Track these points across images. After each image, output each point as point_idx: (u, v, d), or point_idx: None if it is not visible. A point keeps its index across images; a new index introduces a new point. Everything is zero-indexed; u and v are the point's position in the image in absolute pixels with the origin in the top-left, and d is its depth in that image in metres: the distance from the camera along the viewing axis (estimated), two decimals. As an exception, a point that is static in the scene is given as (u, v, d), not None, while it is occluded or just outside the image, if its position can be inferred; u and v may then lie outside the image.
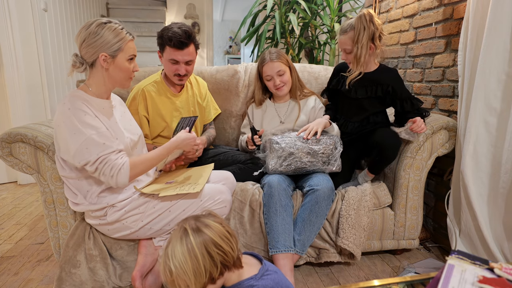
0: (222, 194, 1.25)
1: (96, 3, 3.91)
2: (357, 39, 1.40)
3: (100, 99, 1.19)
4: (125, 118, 1.30)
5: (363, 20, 1.38)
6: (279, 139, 1.47)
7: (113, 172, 1.08)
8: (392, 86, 1.48)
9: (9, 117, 2.70)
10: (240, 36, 6.99)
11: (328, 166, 1.48)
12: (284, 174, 1.48)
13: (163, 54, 1.48)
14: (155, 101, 1.51)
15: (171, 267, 0.80)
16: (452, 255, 0.66)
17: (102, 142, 1.07)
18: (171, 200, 1.20)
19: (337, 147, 1.49)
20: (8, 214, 2.11)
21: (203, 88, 1.75)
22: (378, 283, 0.77)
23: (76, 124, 1.05)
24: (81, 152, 1.05)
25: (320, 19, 2.76)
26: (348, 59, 1.50)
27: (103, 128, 1.10)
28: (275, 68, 1.56)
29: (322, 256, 1.47)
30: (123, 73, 1.17)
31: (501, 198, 1.30)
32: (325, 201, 1.39)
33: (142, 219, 1.19)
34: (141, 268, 1.22)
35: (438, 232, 1.75)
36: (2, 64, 2.58)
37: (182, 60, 1.46)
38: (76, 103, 1.08)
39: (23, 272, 1.49)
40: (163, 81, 1.56)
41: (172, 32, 1.41)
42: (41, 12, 2.67)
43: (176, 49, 1.43)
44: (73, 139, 1.05)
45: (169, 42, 1.42)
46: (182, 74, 1.48)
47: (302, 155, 1.44)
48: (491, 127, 1.34)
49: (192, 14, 4.51)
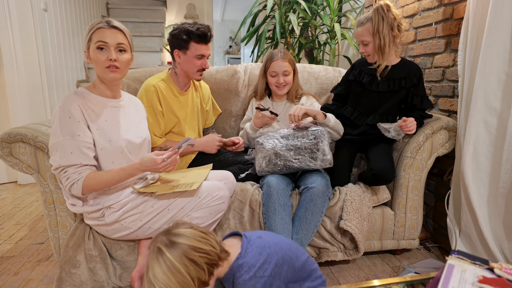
0: (220, 191, 1.25)
1: (96, 3, 3.91)
2: (377, 29, 1.39)
3: (104, 97, 1.20)
4: (133, 120, 1.30)
5: (381, 10, 1.38)
6: (262, 140, 1.48)
7: (67, 183, 1.10)
8: (416, 78, 1.48)
9: (9, 117, 2.70)
10: (240, 36, 6.99)
11: (316, 161, 1.42)
12: (275, 174, 1.47)
13: (186, 52, 1.47)
14: (166, 97, 1.52)
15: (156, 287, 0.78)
16: (452, 255, 0.66)
17: (70, 152, 1.08)
18: (169, 199, 1.20)
19: (323, 140, 1.42)
20: (8, 214, 2.11)
21: (206, 91, 1.76)
22: (378, 283, 0.77)
23: (57, 124, 1.08)
24: (51, 152, 1.11)
25: (320, 19, 2.76)
26: (366, 51, 1.48)
27: (81, 136, 1.09)
28: (283, 67, 1.62)
29: (323, 256, 1.47)
30: (98, 66, 1.14)
31: (501, 198, 1.30)
32: (320, 199, 1.39)
33: (141, 218, 1.19)
34: (140, 268, 1.22)
35: (438, 232, 1.75)
36: (2, 64, 2.58)
37: (207, 54, 1.50)
38: (68, 103, 1.10)
39: (23, 272, 1.49)
40: (170, 79, 1.56)
41: (200, 28, 1.43)
42: (41, 12, 2.67)
43: (203, 44, 1.46)
44: (51, 137, 1.10)
45: (199, 37, 1.43)
46: (208, 67, 1.52)
47: (287, 153, 1.43)
48: (491, 127, 1.34)
49: (192, 14, 4.51)
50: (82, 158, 1.10)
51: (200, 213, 1.20)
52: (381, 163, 1.43)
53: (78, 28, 3.38)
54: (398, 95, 1.52)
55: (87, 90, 1.18)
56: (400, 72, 1.49)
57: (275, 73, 1.64)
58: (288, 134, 1.47)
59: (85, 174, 1.11)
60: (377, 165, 1.42)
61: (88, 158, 1.11)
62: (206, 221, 1.22)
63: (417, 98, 1.49)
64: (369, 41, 1.44)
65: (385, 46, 1.40)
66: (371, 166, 1.44)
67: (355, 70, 1.58)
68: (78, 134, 1.09)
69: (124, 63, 1.17)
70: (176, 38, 1.46)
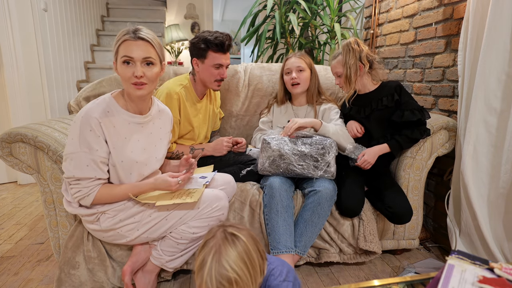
0: (220, 201, 1.22)
1: (96, 3, 3.91)
2: (345, 61, 1.49)
3: (129, 112, 1.15)
4: (155, 137, 1.23)
5: (349, 44, 1.49)
6: (269, 139, 1.46)
7: (78, 195, 1.09)
8: (397, 92, 1.47)
9: (9, 117, 2.70)
10: (240, 36, 6.99)
11: (318, 171, 1.41)
12: (275, 175, 1.46)
13: (204, 61, 1.47)
14: (185, 105, 1.51)
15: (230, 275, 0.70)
16: (452, 255, 0.66)
17: (86, 164, 1.06)
18: (168, 209, 1.18)
19: (329, 151, 1.41)
20: (8, 214, 2.11)
21: (218, 96, 1.77)
22: (378, 283, 0.77)
23: (77, 133, 1.06)
24: (65, 158, 1.08)
25: (320, 19, 2.76)
26: (340, 82, 1.57)
27: (99, 151, 1.08)
28: (296, 63, 1.63)
29: (322, 257, 1.47)
30: (124, 80, 1.10)
31: (501, 198, 1.30)
32: (328, 202, 1.39)
33: (138, 228, 1.17)
34: (132, 263, 1.22)
35: (438, 232, 1.75)
36: (2, 64, 2.58)
37: (226, 64, 1.49)
38: (91, 114, 1.06)
39: (23, 272, 1.49)
40: (191, 86, 1.55)
41: (219, 37, 1.42)
42: (41, 12, 2.67)
43: (221, 53, 1.45)
44: (68, 144, 1.08)
45: (217, 46, 1.43)
46: (226, 77, 1.51)
47: (292, 157, 1.41)
48: (491, 127, 1.34)
49: (192, 14, 4.51)
50: (97, 172, 1.09)
51: (198, 223, 1.18)
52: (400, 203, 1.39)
53: (78, 28, 3.38)
54: (387, 115, 1.50)
55: (115, 101, 1.12)
56: (380, 93, 1.52)
57: (289, 70, 1.65)
58: (297, 138, 1.46)
59: (97, 189, 1.10)
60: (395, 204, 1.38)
61: (103, 172, 1.11)
62: (203, 230, 1.20)
63: (407, 112, 1.43)
64: (341, 73, 1.53)
65: (351, 75, 1.49)
66: (389, 204, 1.40)
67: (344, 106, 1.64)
68: (97, 149, 1.07)
69: (152, 78, 1.09)
70: (195, 47, 1.46)
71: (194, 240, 1.21)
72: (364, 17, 2.52)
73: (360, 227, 1.45)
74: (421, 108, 1.43)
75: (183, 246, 1.20)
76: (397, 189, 1.46)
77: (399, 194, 1.42)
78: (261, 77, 1.94)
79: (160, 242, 1.22)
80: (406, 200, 1.40)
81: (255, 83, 1.93)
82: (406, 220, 1.39)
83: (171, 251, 1.20)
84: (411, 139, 1.45)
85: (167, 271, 1.32)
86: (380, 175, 1.53)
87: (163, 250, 1.21)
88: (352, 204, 1.41)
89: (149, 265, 1.24)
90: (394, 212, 1.37)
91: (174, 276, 1.43)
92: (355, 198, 1.42)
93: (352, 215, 1.43)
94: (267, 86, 1.93)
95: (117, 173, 1.14)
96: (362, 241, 1.44)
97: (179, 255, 1.22)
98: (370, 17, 2.40)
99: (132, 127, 1.15)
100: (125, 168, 1.14)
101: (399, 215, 1.37)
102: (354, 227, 1.47)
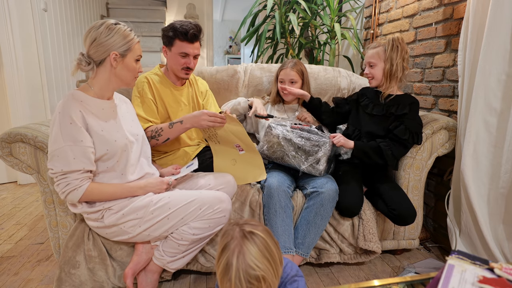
0: (222, 203, 1.22)
1: (96, 3, 3.91)
2: (389, 56, 1.45)
3: (100, 99, 1.19)
4: (127, 118, 1.30)
5: (396, 40, 1.45)
6: (274, 124, 1.51)
7: (67, 189, 1.09)
8: (410, 107, 1.46)
9: (9, 117, 2.70)
10: (240, 36, 6.99)
11: (307, 164, 1.43)
12: (271, 160, 1.55)
13: (171, 48, 1.50)
14: (158, 90, 1.53)
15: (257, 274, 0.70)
16: (452, 255, 0.66)
17: (73, 157, 1.07)
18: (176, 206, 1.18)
19: (323, 150, 1.42)
20: (8, 214, 2.11)
21: (203, 86, 1.76)
22: (378, 283, 0.77)
23: (58, 130, 1.07)
24: (51, 157, 1.09)
25: (320, 19, 2.76)
26: (371, 73, 1.51)
27: (84, 141, 1.09)
28: (290, 75, 1.70)
29: (323, 257, 1.47)
30: (130, 73, 1.21)
31: (501, 198, 1.30)
32: (330, 203, 1.39)
33: (140, 224, 1.18)
34: (134, 266, 1.22)
35: (438, 232, 1.75)
36: (2, 64, 2.58)
37: (192, 53, 1.50)
38: (68, 108, 1.09)
39: (23, 272, 1.49)
40: (164, 75, 1.58)
41: (185, 25, 1.44)
42: (41, 12, 2.67)
43: (188, 42, 1.47)
44: (51, 143, 1.09)
45: (182, 35, 1.44)
46: (191, 67, 1.52)
47: (289, 146, 1.45)
48: (491, 127, 1.34)
49: (192, 14, 4.51)
50: (84, 163, 1.10)
51: (199, 223, 1.19)
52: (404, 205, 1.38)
53: (78, 28, 3.38)
54: (388, 122, 1.50)
55: (83, 93, 1.16)
56: (398, 101, 1.49)
57: (282, 80, 1.72)
58: (301, 130, 1.49)
59: (86, 182, 1.11)
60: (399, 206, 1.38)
61: (91, 163, 1.12)
62: (204, 232, 1.20)
63: (402, 127, 1.43)
64: (376, 64, 1.49)
65: (395, 72, 1.45)
66: (393, 207, 1.39)
67: (360, 92, 1.63)
68: (81, 140, 1.08)
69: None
70: (164, 35, 1.50)
71: (195, 242, 1.22)
72: (364, 17, 2.52)
73: (360, 226, 1.45)
74: (418, 133, 1.44)
75: (184, 248, 1.21)
76: (399, 190, 1.45)
77: (401, 195, 1.42)
78: (261, 78, 1.93)
79: (162, 242, 1.23)
80: (409, 202, 1.40)
81: (255, 84, 1.93)
82: (410, 221, 1.39)
83: (172, 252, 1.21)
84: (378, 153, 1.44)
85: (167, 271, 1.32)
86: (380, 176, 1.53)
87: (165, 251, 1.21)
88: (351, 203, 1.41)
89: (152, 265, 1.25)
90: (399, 214, 1.37)
91: (175, 276, 1.43)
92: (354, 198, 1.42)
93: (351, 215, 1.43)
94: (267, 87, 1.92)
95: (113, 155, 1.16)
96: (362, 241, 1.44)
97: (180, 256, 1.23)
98: (370, 17, 2.40)
99: (106, 112, 1.20)
100: (119, 146, 1.17)
101: (404, 217, 1.37)
102: (354, 227, 1.47)
